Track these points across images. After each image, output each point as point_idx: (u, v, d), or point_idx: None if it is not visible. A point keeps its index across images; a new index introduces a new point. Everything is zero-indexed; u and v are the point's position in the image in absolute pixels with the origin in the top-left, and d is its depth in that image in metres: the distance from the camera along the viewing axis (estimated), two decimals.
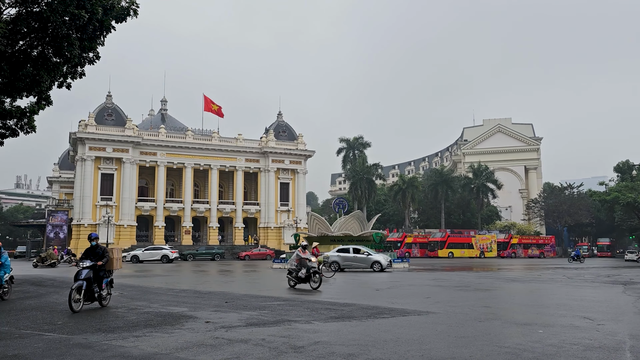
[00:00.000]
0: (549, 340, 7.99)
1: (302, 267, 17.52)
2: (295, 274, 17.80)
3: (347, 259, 29.86)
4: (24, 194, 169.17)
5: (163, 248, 49.71)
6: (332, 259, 29.43)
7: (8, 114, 19.78)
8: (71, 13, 16.71)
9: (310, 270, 17.34)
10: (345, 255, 29.93)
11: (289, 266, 18.61)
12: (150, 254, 47.90)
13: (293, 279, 17.96)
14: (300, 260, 17.65)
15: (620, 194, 78.38)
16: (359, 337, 8.21)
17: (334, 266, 28.92)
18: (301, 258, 17.63)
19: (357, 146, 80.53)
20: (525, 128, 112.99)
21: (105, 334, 8.52)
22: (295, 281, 17.90)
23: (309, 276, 17.34)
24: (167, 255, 47.21)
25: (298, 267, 17.75)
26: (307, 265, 17.39)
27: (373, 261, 30.01)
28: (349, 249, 30.81)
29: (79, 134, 61.80)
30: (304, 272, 17.37)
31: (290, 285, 18.21)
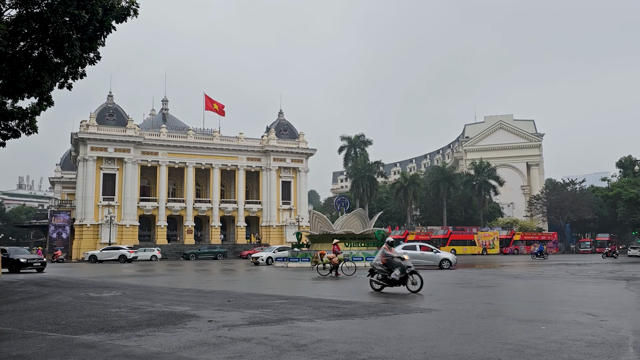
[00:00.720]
0: (552, 336, 7.99)
1: (393, 267, 14.94)
2: (383, 275, 15.18)
3: (414, 256, 29.49)
4: (27, 194, 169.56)
5: (121, 248, 50.76)
6: None
7: (9, 115, 19.80)
8: (71, 13, 16.71)
9: (407, 270, 14.84)
10: (412, 253, 29.50)
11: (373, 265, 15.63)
12: (108, 253, 49.19)
13: (379, 281, 15.29)
14: (389, 260, 15.07)
15: (623, 190, 78.24)
16: (362, 335, 8.21)
17: None
18: (390, 257, 15.10)
19: (358, 144, 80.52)
20: (527, 124, 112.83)
21: (108, 333, 8.54)
22: (382, 284, 15.27)
23: (405, 278, 14.84)
24: (124, 255, 48.37)
25: (387, 268, 15.07)
26: (400, 264, 14.87)
27: (442, 259, 29.80)
28: (415, 246, 30.64)
29: (80, 135, 61.91)
30: (397, 273, 14.78)
31: (375, 289, 15.51)
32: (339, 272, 23.47)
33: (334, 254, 23.78)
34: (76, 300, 14.15)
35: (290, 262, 35.67)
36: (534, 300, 13.57)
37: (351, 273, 23.78)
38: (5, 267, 30.88)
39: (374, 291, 15.32)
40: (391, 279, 14.90)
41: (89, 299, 14.31)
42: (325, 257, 23.81)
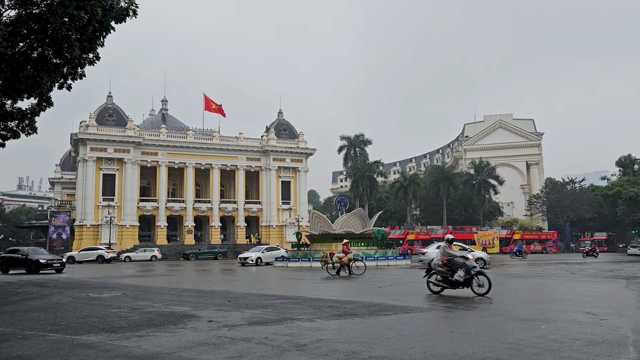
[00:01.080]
0: (552, 335, 7.99)
1: (456, 267, 13.62)
2: (443, 276, 13.91)
3: None
4: (26, 195, 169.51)
5: (99, 249, 51.47)
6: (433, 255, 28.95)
7: (9, 116, 19.81)
8: (71, 14, 16.71)
9: (472, 271, 13.56)
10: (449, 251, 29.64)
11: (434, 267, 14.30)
12: (87, 254, 49.91)
13: (440, 283, 14.03)
14: (451, 259, 13.77)
15: (623, 189, 78.26)
16: (362, 335, 8.22)
17: None
18: (452, 256, 13.78)
19: (358, 144, 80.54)
20: (527, 124, 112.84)
21: (108, 334, 8.54)
22: (442, 286, 14.03)
23: (469, 279, 13.55)
24: (102, 255, 49.41)
25: (448, 268, 13.78)
26: (464, 264, 13.54)
27: (476, 258, 29.76)
28: None
29: (80, 135, 61.92)
30: (462, 274, 13.43)
31: (434, 291, 14.29)
32: (352, 272, 23.47)
33: (343, 253, 23.77)
34: (76, 300, 14.15)
35: (290, 261, 35.69)
36: (533, 299, 13.58)
37: (361, 272, 23.75)
38: (24, 268, 30.58)
39: (431, 294, 14.21)
40: (454, 280, 13.58)
41: (89, 300, 14.31)
42: (335, 257, 23.78)
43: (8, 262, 31.31)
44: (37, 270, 30.10)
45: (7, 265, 31.12)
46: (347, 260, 23.36)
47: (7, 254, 32.90)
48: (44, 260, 30.74)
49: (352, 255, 24.39)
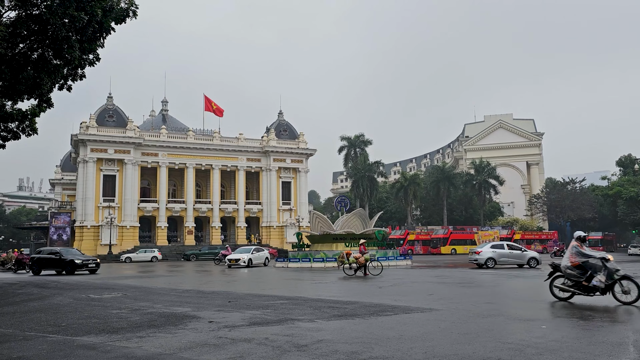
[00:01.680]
0: (553, 335, 7.99)
1: (595, 270, 11.61)
2: (575, 281, 11.94)
3: (502, 254, 29.57)
4: (27, 196, 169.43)
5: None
6: (487, 254, 29.08)
7: (9, 117, 19.82)
8: (71, 15, 16.73)
9: (615, 275, 11.48)
10: (500, 252, 29.62)
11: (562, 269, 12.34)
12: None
13: (569, 288, 12.06)
14: (586, 261, 11.83)
15: (623, 189, 78.21)
16: (362, 335, 8.22)
17: (490, 262, 28.81)
18: (587, 256, 11.87)
19: (358, 144, 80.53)
20: (527, 124, 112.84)
21: (109, 334, 8.55)
22: (571, 291, 12.03)
23: (612, 284, 11.47)
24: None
25: (581, 271, 11.84)
26: (604, 266, 11.53)
27: (529, 257, 29.71)
28: (502, 244, 30.71)
29: (80, 136, 61.90)
30: (602, 278, 11.39)
31: (560, 297, 12.39)
32: (367, 272, 23.43)
33: (360, 253, 23.71)
34: (77, 301, 14.16)
35: (290, 262, 35.69)
36: (534, 300, 13.57)
37: (377, 273, 23.73)
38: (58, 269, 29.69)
39: (557, 300, 12.40)
40: (591, 285, 11.52)
41: (90, 301, 14.31)
42: (352, 257, 23.72)
43: (40, 263, 30.38)
44: (73, 270, 29.13)
45: (40, 266, 30.24)
46: (363, 261, 23.29)
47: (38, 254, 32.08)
48: (79, 261, 29.84)
49: (369, 256, 24.39)
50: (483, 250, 29.58)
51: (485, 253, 29.18)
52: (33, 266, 30.48)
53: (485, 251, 29.40)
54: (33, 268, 30.38)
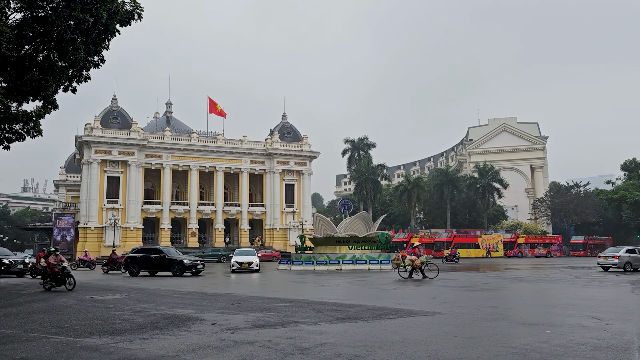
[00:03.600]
0: (557, 340, 7.94)
1: None
2: None
3: (637, 259, 30.00)
4: (31, 197, 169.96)
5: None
6: (625, 259, 29.61)
7: (14, 119, 19.90)
8: (76, 17, 16.80)
9: None
10: (636, 256, 30.07)
11: None
12: None
13: None
14: None
15: (628, 193, 77.96)
16: (366, 338, 8.19)
17: (628, 266, 29.16)
18: None
19: (362, 147, 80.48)
20: (531, 127, 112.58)
21: (112, 336, 8.54)
22: None
23: None
24: None
25: None
26: None
27: None
28: (634, 249, 31.04)
29: (84, 137, 62.11)
30: None
31: None
32: (425, 275, 23.23)
33: (415, 256, 23.49)
34: (80, 303, 14.17)
35: (294, 265, 35.65)
36: (538, 304, 13.51)
37: (434, 276, 23.38)
38: (163, 270, 27.80)
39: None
40: None
41: (93, 302, 14.33)
42: (408, 260, 23.52)
43: (141, 263, 28.04)
44: (182, 272, 26.86)
45: (140, 267, 27.99)
46: (419, 263, 23.08)
47: (136, 253, 29.56)
48: (188, 261, 27.60)
49: (425, 258, 24.17)
50: (620, 255, 30.02)
51: (623, 257, 29.75)
52: (130, 266, 27.97)
53: (622, 256, 29.93)
54: (130, 268, 27.91)
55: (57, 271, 18.37)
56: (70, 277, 18.55)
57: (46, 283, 18.71)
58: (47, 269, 18.63)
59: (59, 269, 18.40)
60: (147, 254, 28.82)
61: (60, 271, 18.36)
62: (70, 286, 18.39)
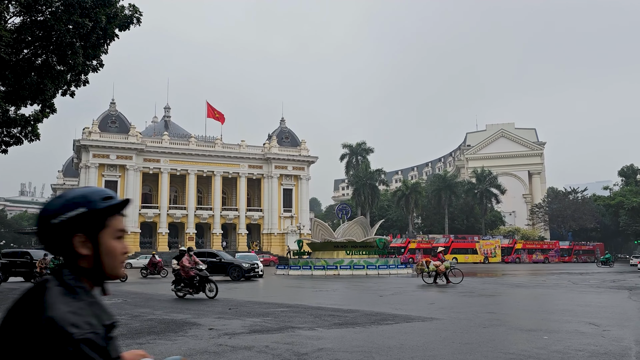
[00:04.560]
0: (554, 346, 7.94)
1: None
2: None
3: None
4: (29, 201, 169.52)
5: None
6: None
7: (12, 122, 19.87)
8: (75, 21, 16.82)
9: None
10: None
11: None
12: None
13: None
14: None
15: (625, 199, 78.10)
16: (363, 344, 8.18)
17: None
18: None
19: (360, 152, 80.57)
20: (529, 133, 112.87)
21: None
22: None
23: None
24: None
25: None
26: None
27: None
28: None
29: (82, 141, 62.06)
30: None
31: None
32: (449, 280, 23.16)
33: (439, 261, 23.41)
34: None
35: (291, 269, 35.61)
36: (536, 310, 13.52)
37: (458, 281, 23.25)
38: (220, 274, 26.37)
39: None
40: None
41: None
42: (432, 265, 23.43)
43: None
44: (240, 276, 25.98)
45: None
46: (443, 269, 22.99)
47: None
48: (247, 265, 26.87)
49: (449, 264, 24.04)
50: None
51: None
52: None
53: None
54: None
55: (193, 275, 16.20)
56: (211, 282, 16.37)
57: (180, 290, 16.58)
58: (182, 273, 16.45)
59: (195, 272, 16.26)
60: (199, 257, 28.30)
61: (197, 275, 16.23)
62: (211, 293, 16.14)
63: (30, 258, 26.89)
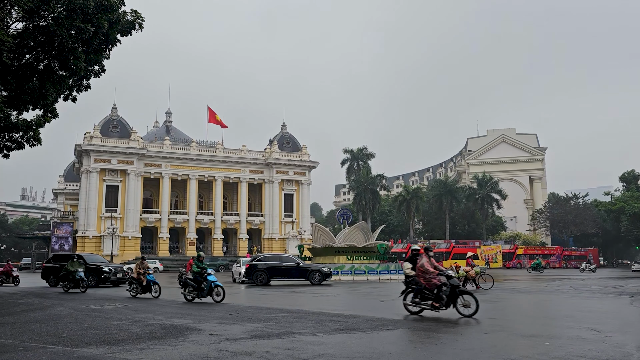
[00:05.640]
0: (556, 352, 7.92)
1: None
2: None
3: None
4: (30, 205, 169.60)
5: None
6: None
7: (14, 127, 19.92)
8: (77, 27, 16.90)
9: None
10: None
11: None
12: None
13: None
14: None
15: (626, 204, 78.04)
16: (364, 350, 8.16)
17: None
18: None
19: (361, 157, 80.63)
20: (530, 138, 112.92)
21: (109, 346, 8.50)
22: None
23: None
24: None
25: None
26: None
27: None
28: None
29: (84, 146, 62.18)
30: None
31: None
32: (479, 285, 23.02)
33: (469, 266, 23.23)
34: (77, 312, 14.11)
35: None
36: (537, 315, 13.49)
37: (489, 287, 23.10)
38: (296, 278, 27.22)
39: None
40: None
41: (91, 311, 14.26)
42: (462, 270, 23.31)
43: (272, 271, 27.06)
44: (320, 280, 26.52)
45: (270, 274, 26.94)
46: (474, 274, 22.77)
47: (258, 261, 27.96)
48: (327, 269, 27.47)
49: (479, 269, 23.74)
50: None
51: None
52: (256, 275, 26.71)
53: None
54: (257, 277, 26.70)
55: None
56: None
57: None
58: None
59: None
60: (273, 262, 27.87)
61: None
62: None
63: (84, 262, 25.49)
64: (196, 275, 16.99)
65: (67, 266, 22.40)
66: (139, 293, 19.30)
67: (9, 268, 30.60)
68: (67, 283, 22.37)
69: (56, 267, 26.58)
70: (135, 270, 19.77)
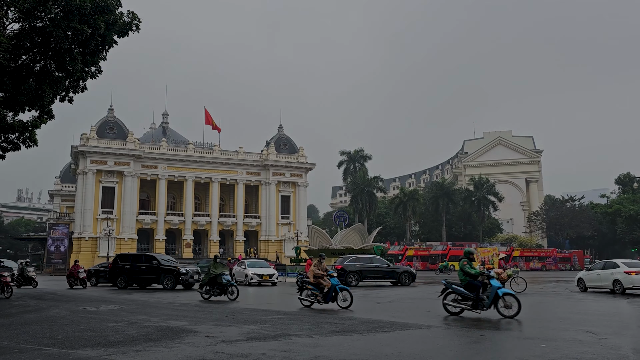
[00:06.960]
0: (552, 354, 7.93)
1: None
2: None
3: None
4: (25, 207, 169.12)
5: None
6: None
7: (10, 128, 19.88)
8: (74, 28, 16.86)
9: None
10: None
11: None
12: None
13: None
14: None
15: (622, 207, 78.36)
16: (360, 352, 8.15)
17: None
18: None
19: (357, 159, 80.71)
20: (526, 140, 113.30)
21: (105, 348, 8.48)
22: None
23: None
24: None
25: None
26: None
27: None
28: None
29: (80, 148, 62.05)
30: None
31: None
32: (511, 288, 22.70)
33: (501, 269, 22.59)
34: (73, 314, 14.06)
35: (288, 276, 35.54)
36: (533, 318, 13.49)
37: (522, 290, 22.24)
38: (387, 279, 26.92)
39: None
40: None
41: (86, 313, 14.22)
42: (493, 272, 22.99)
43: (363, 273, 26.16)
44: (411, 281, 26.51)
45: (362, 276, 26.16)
46: (505, 277, 21.85)
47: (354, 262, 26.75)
48: (414, 271, 28.22)
49: (512, 272, 22.70)
50: None
51: None
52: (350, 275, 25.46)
53: None
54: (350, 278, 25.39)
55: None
56: None
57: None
58: None
59: None
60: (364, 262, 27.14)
61: None
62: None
63: (157, 263, 24.65)
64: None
65: (211, 268, 18.79)
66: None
67: (75, 269, 27.99)
68: (210, 289, 18.70)
69: (125, 268, 25.12)
70: (312, 273, 15.76)
